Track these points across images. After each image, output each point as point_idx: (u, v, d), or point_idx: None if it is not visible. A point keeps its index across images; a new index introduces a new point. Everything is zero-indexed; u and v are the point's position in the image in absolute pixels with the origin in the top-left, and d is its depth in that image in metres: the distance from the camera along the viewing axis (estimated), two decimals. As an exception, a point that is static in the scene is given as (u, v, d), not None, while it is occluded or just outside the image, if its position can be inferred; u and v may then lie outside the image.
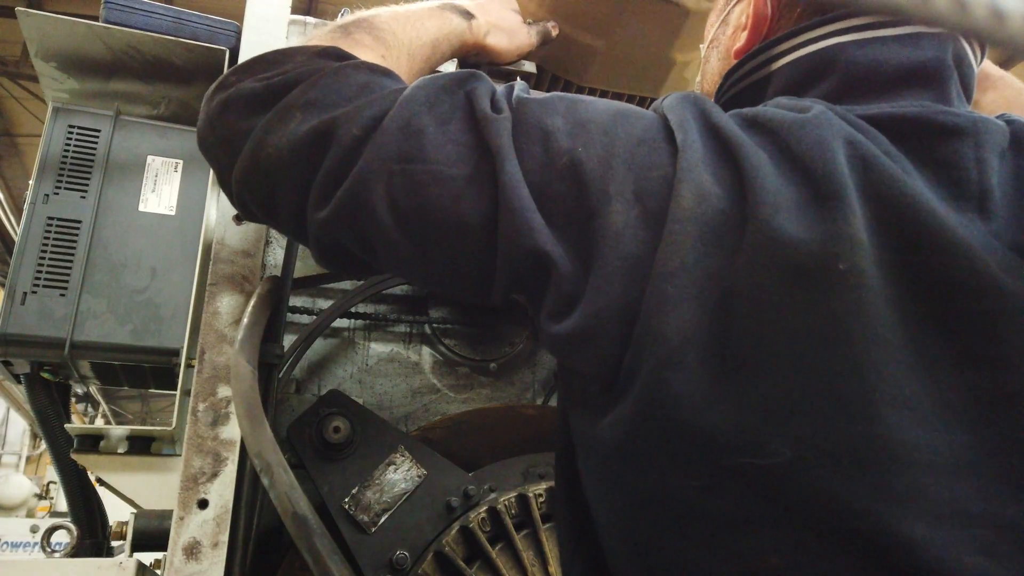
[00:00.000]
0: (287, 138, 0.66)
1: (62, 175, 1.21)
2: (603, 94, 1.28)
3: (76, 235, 1.18)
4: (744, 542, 0.53)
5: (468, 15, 1.02)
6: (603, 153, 0.59)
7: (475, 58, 1.09)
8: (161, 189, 1.25)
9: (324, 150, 0.65)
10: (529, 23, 1.17)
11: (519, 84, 0.69)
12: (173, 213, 1.23)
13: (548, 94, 0.67)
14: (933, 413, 0.51)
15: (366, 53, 0.81)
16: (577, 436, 0.66)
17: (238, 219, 1.05)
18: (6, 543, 7.04)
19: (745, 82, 0.75)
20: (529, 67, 1.22)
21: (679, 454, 0.54)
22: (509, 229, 0.59)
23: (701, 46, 0.91)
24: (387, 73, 0.74)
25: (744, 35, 0.77)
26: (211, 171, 1.27)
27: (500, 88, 0.67)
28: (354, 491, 1.04)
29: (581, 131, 0.61)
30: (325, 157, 0.65)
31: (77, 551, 1.29)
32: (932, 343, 0.53)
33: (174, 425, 1.10)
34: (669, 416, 0.53)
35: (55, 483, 8.76)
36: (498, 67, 1.14)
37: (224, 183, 0.75)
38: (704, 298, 0.53)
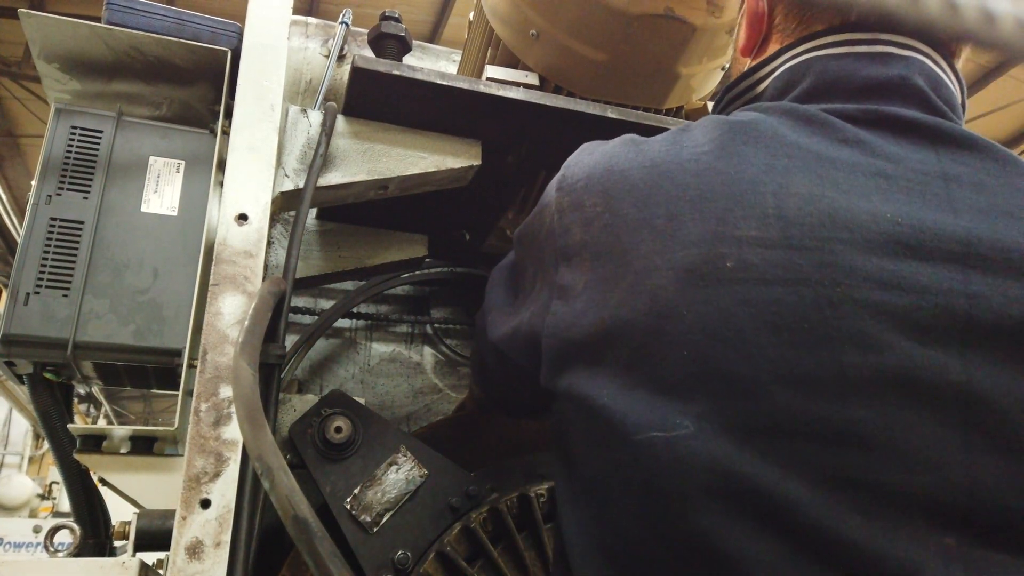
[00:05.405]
0: None
1: (64, 176, 1.21)
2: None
3: (79, 236, 1.18)
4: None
5: None
6: None
7: None
8: (163, 190, 1.25)
9: None
10: (534, 34, 1.17)
11: None
12: (175, 214, 1.24)
13: None
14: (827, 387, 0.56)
15: None
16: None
17: (240, 219, 1.05)
18: (9, 543, 7.05)
19: (743, 99, 0.81)
20: (532, 79, 1.21)
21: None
22: None
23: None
24: None
25: (742, 32, 0.83)
26: (212, 171, 1.28)
27: None
28: (356, 491, 1.04)
29: None
30: None
31: (80, 551, 1.30)
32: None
33: (176, 425, 1.10)
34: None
35: (58, 483, 8.78)
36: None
37: None
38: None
